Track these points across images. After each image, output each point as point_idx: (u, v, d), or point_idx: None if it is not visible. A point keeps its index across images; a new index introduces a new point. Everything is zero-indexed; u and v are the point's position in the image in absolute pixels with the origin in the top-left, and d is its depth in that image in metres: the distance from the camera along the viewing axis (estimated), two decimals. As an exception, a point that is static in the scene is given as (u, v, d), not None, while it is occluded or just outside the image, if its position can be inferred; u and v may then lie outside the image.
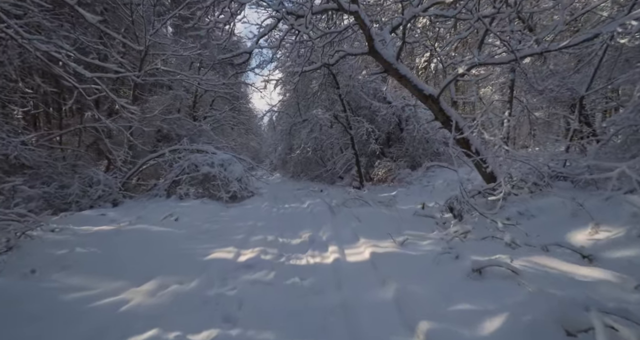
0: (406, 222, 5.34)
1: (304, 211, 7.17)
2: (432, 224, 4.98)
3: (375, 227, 4.72)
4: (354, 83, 10.96)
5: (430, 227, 4.67)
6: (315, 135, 10.21)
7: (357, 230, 4.61)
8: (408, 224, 5.12)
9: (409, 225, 4.78)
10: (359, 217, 5.40)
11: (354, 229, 4.69)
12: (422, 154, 11.21)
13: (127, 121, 9.01)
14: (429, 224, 5.05)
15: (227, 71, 18.16)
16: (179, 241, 4.45)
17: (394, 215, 5.89)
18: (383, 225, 4.83)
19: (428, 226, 4.79)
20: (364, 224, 4.89)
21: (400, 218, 5.55)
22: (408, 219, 5.66)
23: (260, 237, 4.69)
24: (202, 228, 5.39)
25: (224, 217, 6.58)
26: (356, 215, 5.68)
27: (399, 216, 5.63)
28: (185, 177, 8.48)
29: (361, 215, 5.64)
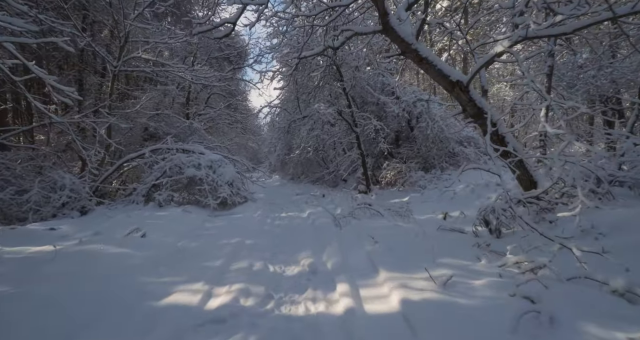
0: (431, 239, 4.18)
1: (303, 223, 6.01)
2: (469, 244, 3.82)
3: (397, 249, 3.56)
4: (360, 75, 9.81)
5: (472, 251, 3.50)
6: (316, 133, 9.06)
7: (374, 255, 3.45)
8: (435, 242, 3.96)
9: (440, 246, 3.62)
10: (372, 234, 4.24)
11: (368, 253, 3.52)
12: (436, 154, 10.04)
13: (103, 116, 7.90)
14: (465, 244, 3.89)
15: (224, 67, 17.11)
16: (135, 271, 3.29)
17: (415, 229, 4.73)
18: (406, 247, 3.67)
19: (466, 248, 3.63)
20: (381, 244, 3.72)
21: (424, 234, 4.40)
22: (433, 235, 4.51)
23: (244, 264, 3.53)
24: (173, 248, 4.24)
25: (206, 231, 5.42)
26: (368, 231, 4.52)
27: (422, 231, 4.47)
28: (167, 180, 7.34)
29: (375, 231, 4.48)
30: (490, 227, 4.54)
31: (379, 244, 3.74)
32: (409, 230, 4.69)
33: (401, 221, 5.57)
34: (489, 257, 3.13)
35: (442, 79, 5.21)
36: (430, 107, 9.90)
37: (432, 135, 9.72)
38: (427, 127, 9.67)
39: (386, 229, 4.75)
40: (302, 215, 6.80)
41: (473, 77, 5.09)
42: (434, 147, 9.87)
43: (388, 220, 5.59)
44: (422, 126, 9.94)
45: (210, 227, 5.77)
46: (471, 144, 11.06)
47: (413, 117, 10.64)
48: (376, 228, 4.85)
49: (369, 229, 4.80)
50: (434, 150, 9.91)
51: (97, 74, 12.04)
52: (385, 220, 5.56)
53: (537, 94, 7.13)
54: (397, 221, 5.55)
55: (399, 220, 5.62)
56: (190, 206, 7.24)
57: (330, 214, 5.76)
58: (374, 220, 5.60)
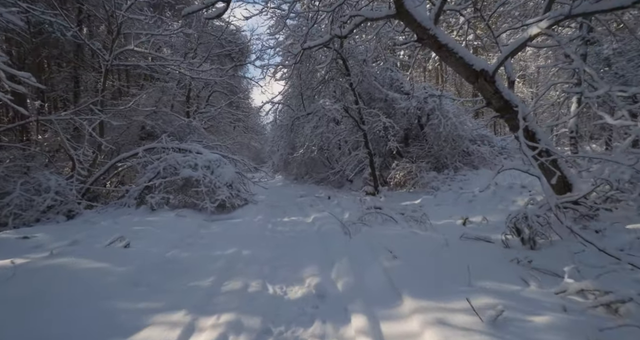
0: (457, 250, 3.59)
1: (308, 229, 5.44)
2: (504, 259, 3.23)
3: (421, 266, 2.98)
4: (368, 69, 9.21)
5: (511, 268, 2.90)
6: (321, 131, 8.47)
7: (393, 273, 2.87)
8: (464, 255, 3.38)
9: (471, 261, 3.03)
10: (388, 245, 3.65)
11: (386, 272, 2.94)
12: (449, 153, 9.42)
13: (94, 113, 7.38)
14: (500, 257, 3.30)
15: (225, 64, 16.59)
16: (108, 293, 2.74)
17: (436, 238, 4.15)
18: (432, 263, 3.08)
19: (503, 264, 3.03)
20: (401, 259, 3.14)
21: (447, 244, 3.82)
22: (456, 245, 3.92)
23: (238, 284, 2.97)
24: (159, 261, 3.68)
25: (200, 239, 4.87)
26: (383, 241, 3.94)
27: (445, 241, 3.89)
28: (160, 182, 6.80)
29: (390, 241, 3.90)
30: (523, 237, 3.96)
31: (398, 259, 3.15)
32: (429, 240, 4.10)
33: (417, 228, 4.98)
34: (538, 280, 2.54)
35: (464, 68, 4.62)
36: (442, 103, 9.28)
37: (445, 133, 9.10)
38: (440, 125, 9.05)
39: (403, 238, 4.16)
40: (307, 220, 6.23)
41: (500, 66, 4.50)
42: (447, 145, 9.25)
43: (403, 227, 5.00)
44: (434, 123, 9.33)
45: (205, 234, 5.21)
46: (485, 143, 10.44)
47: (424, 114, 10.03)
48: (391, 237, 4.26)
49: (382, 238, 4.22)
50: (446, 149, 9.29)
51: (94, 70, 11.56)
52: (399, 227, 4.97)
53: (564, 87, 6.49)
54: (413, 228, 4.96)
55: (415, 227, 5.03)
56: (185, 210, 6.69)
57: (337, 219, 5.18)
58: (387, 227, 5.01)
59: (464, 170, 9.10)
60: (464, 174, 8.83)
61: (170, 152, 7.51)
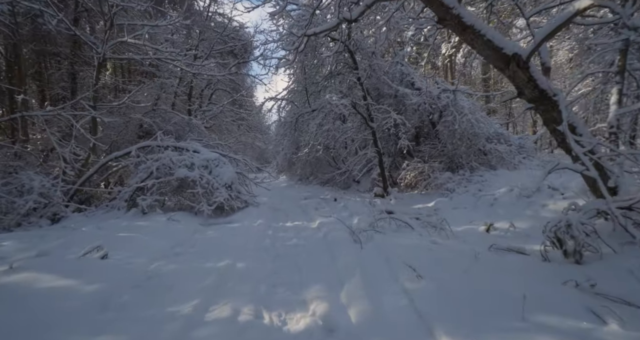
0: (490, 267, 3.00)
1: (312, 236, 4.86)
2: (555, 279, 2.63)
3: (453, 290, 2.39)
4: (378, 62, 8.60)
5: (569, 293, 2.30)
6: (327, 128, 7.88)
7: (419, 298, 2.29)
8: (501, 274, 2.79)
9: (515, 286, 2.44)
10: (407, 259, 3.07)
11: (410, 296, 2.36)
12: (464, 152, 8.78)
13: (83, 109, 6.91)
14: (547, 277, 2.71)
15: (229, 61, 16.14)
16: (62, 324, 2.20)
17: (463, 250, 3.56)
18: (466, 285, 2.49)
19: (556, 287, 2.44)
20: (426, 280, 2.56)
21: (477, 257, 3.23)
22: (487, 258, 3.34)
23: (227, 310, 2.41)
24: (139, 277, 3.14)
25: (191, 247, 4.32)
26: (400, 253, 3.36)
27: (474, 253, 3.30)
28: (153, 183, 6.28)
29: (409, 254, 3.32)
30: (566, 249, 3.35)
31: (423, 279, 2.57)
32: (454, 252, 3.51)
33: (437, 236, 4.38)
34: (616, 314, 1.94)
35: (492, 52, 4.02)
36: (457, 99, 8.65)
37: (460, 130, 8.47)
38: (454, 122, 8.42)
39: (423, 249, 3.57)
40: (311, 225, 5.66)
41: (536, 50, 3.90)
42: (462, 144, 8.61)
43: (420, 234, 4.41)
44: (448, 121, 8.70)
45: (199, 241, 4.66)
46: (500, 141, 9.77)
47: (436, 111, 9.40)
48: (409, 247, 3.68)
49: (399, 248, 3.63)
50: (461, 148, 8.64)
51: (90, 66, 11.14)
52: (416, 235, 4.38)
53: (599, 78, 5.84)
54: (432, 236, 4.36)
55: (434, 235, 4.44)
56: (180, 213, 6.16)
57: (346, 226, 4.59)
58: (403, 234, 4.42)
59: (480, 171, 8.46)
60: (480, 174, 8.19)
61: (164, 150, 7.00)
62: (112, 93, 12.54)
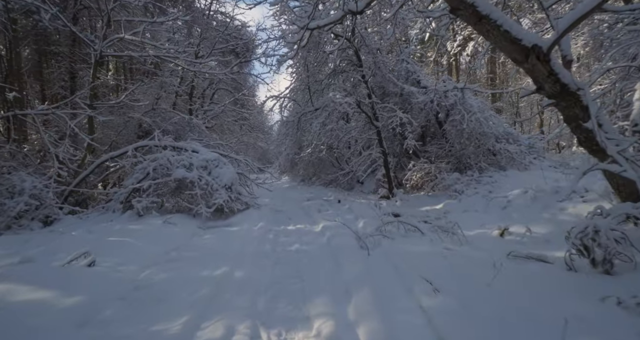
0: (512, 278, 2.72)
1: (315, 241, 4.58)
2: (590, 295, 2.34)
3: (474, 305, 2.11)
4: (383, 59, 8.32)
5: (617, 315, 2.01)
6: (331, 127, 7.59)
7: (438, 318, 2.00)
8: (526, 286, 2.51)
9: (543, 301, 2.16)
10: (420, 269, 2.79)
11: (428, 314, 2.08)
12: (473, 153, 8.47)
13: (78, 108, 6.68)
14: (580, 290, 2.42)
15: (230, 60, 15.96)
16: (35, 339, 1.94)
17: (478, 257, 3.27)
18: (486, 299, 2.21)
19: (598, 307, 2.15)
20: (444, 294, 2.28)
21: (496, 267, 2.93)
22: (507, 267, 3.04)
23: (220, 328, 2.14)
24: (126, 286, 2.88)
25: (187, 252, 4.06)
26: (412, 262, 3.08)
27: (492, 262, 3.00)
28: (149, 184, 6.03)
29: (422, 262, 3.04)
30: (594, 257, 3.06)
31: (440, 294, 2.29)
32: (471, 260, 3.22)
33: (449, 241, 4.09)
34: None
35: (509, 44, 3.72)
36: (465, 97, 8.35)
37: (469, 130, 8.16)
38: (463, 121, 8.12)
39: (436, 257, 3.28)
40: (315, 228, 5.38)
41: (558, 40, 3.60)
42: (470, 144, 8.30)
43: (431, 239, 4.12)
44: (456, 120, 8.40)
45: (195, 245, 4.40)
46: (509, 141, 9.45)
47: (443, 110, 9.10)
48: (420, 255, 3.39)
49: (410, 256, 3.35)
50: (470, 148, 8.34)
51: (88, 64, 10.95)
52: (427, 240, 4.09)
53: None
54: (445, 241, 4.07)
55: (446, 240, 4.14)
56: (177, 215, 5.92)
57: (351, 230, 4.31)
58: (413, 239, 4.14)
59: (489, 172, 8.15)
60: (490, 175, 7.88)
61: (162, 150, 6.75)
62: (113, 93, 12.36)
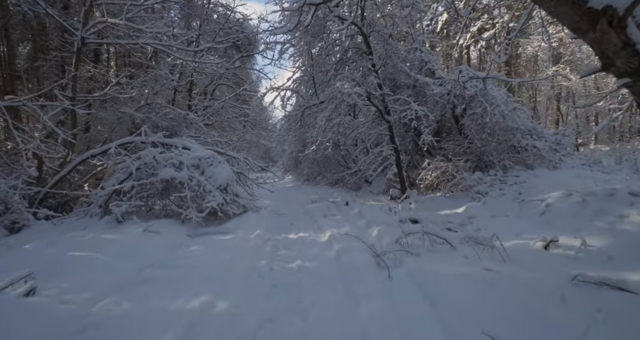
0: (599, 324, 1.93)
1: (321, 256, 3.80)
2: None
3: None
4: (395, 45, 7.49)
5: None
6: (338, 121, 6.80)
7: None
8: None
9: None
10: (461, 301, 2.02)
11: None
12: (495, 149, 7.62)
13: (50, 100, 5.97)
14: None
15: (232, 55, 15.26)
16: None
17: (534, 283, 2.48)
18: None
19: None
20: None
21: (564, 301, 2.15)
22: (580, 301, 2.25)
23: None
24: (67, 327, 2.14)
25: (165, 269, 3.31)
26: (446, 289, 2.30)
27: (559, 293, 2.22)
28: (131, 185, 5.30)
29: (462, 293, 2.26)
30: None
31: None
32: (526, 288, 2.42)
33: (488, 258, 3.29)
34: None
35: (569, 8, 2.87)
36: (487, 88, 7.50)
37: (491, 124, 7.31)
38: (484, 114, 7.26)
39: (479, 282, 2.49)
40: (320, 237, 4.60)
41: (638, 2, 2.77)
42: (493, 140, 7.44)
43: (465, 256, 3.32)
44: (476, 113, 7.54)
45: (176, 261, 3.65)
46: (532, 137, 8.57)
47: (460, 103, 8.25)
48: (458, 279, 2.60)
49: (444, 281, 2.57)
50: (492, 144, 7.48)
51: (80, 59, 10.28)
52: (460, 257, 3.30)
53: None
54: (481, 257, 3.27)
55: (483, 255, 3.34)
56: (164, 221, 5.18)
57: (364, 244, 3.52)
58: (442, 256, 3.35)
59: (514, 171, 7.30)
60: (516, 174, 7.03)
61: (150, 147, 6.02)
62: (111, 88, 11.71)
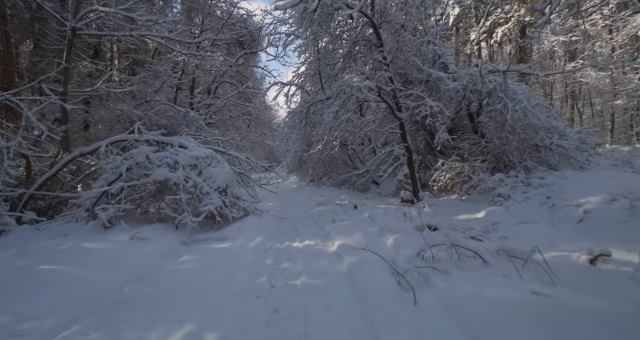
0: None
1: (330, 271, 3.28)
2: None
3: None
4: (408, 37, 6.95)
5: None
6: (347, 117, 6.26)
7: None
8: None
9: None
10: None
11: None
12: (516, 149, 7.04)
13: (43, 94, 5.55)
14: None
15: (235, 52, 14.84)
16: None
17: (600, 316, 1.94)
18: None
19: None
20: None
21: None
22: None
23: None
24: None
25: (147, 288, 2.83)
26: (489, 324, 1.79)
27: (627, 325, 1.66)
28: (121, 186, 4.84)
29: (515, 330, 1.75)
30: None
31: None
32: (587, 318, 1.89)
33: (531, 278, 2.75)
34: None
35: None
36: (507, 83, 6.92)
37: (512, 121, 6.74)
38: (505, 110, 6.69)
39: (528, 313, 1.97)
40: (328, 247, 4.08)
41: None
42: (514, 138, 6.86)
43: (504, 274, 2.79)
44: (495, 109, 6.96)
45: (163, 276, 3.17)
46: (554, 135, 7.97)
47: (476, 98, 7.69)
48: (502, 309, 2.08)
49: (486, 311, 2.04)
50: (513, 143, 6.90)
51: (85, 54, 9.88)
52: (498, 276, 2.77)
53: None
54: (522, 275, 2.74)
55: (525, 274, 2.81)
56: (156, 227, 4.72)
57: (383, 259, 3.00)
58: (475, 273, 2.82)
59: (538, 172, 6.72)
60: (540, 176, 6.44)
61: (143, 145, 5.57)
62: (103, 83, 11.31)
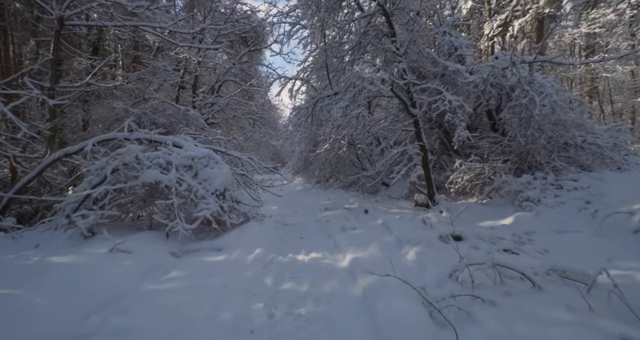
0: None
1: (342, 296, 2.69)
2: None
3: None
4: (420, 28, 6.33)
5: None
6: (359, 112, 5.65)
7: None
8: None
9: None
10: None
11: None
12: (543, 148, 6.38)
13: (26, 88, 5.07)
14: None
15: (239, 50, 14.39)
16: None
17: None
18: None
19: None
20: None
21: None
22: None
23: None
24: None
25: (116, 319, 2.28)
26: None
27: None
28: (105, 190, 4.32)
29: None
30: None
31: None
32: None
33: (606, 311, 2.13)
34: None
35: None
36: (534, 75, 6.27)
37: (540, 117, 6.08)
38: (532, 105, 6.04)
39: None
40: (339, 262, 3.49)
41: None
42: (541, 136, 6.21)
43: (568, 305, 2.18)
44: (520, 104, 6.31)
45: (141, 301, 2.62)
46: (586, 133, 7.28)
47: (496, 93, 7.04)
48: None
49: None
50: (540, 141, 6.24)
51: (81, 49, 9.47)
52: (562, 311, 2.16)
53: None
54: (593, 309, 2.13)
55: (595, 304, 2.19)
56: (144, 235, 4.19)
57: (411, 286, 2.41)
58: (527, 303, 2.21)
59: (570, 173, 6.05)
60: (573, 178, 5.78)
61: (134, 144, 5.06)
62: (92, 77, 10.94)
